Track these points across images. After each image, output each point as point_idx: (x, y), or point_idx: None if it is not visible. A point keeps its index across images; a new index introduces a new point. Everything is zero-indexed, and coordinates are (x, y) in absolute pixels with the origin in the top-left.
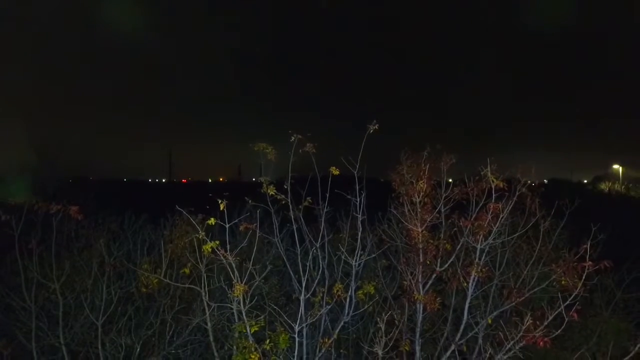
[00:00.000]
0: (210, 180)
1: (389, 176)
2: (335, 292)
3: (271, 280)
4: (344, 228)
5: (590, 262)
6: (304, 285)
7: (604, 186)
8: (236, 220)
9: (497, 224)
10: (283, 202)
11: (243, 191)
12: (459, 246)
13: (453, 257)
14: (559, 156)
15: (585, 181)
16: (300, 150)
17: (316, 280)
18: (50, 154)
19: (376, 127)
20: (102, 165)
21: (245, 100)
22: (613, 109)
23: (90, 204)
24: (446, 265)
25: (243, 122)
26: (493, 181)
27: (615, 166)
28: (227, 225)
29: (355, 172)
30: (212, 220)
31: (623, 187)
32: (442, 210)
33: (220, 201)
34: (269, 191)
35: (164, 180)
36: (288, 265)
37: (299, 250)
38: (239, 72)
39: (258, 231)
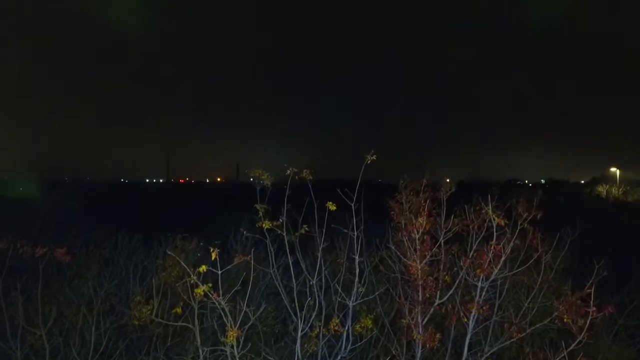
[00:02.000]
0: (207, 180)
1: (390, 177)
2: (332, 327)
3: (267, 308)
4: (341, 253)
5: (594, 308)
6: (300, 325)
7: (602, 189)
8: (228, 267)
9: (499, 265)
10: (279, 232)
11: (240, 192)
12: (458, 278)
13: (453, 289)
14: (557, 155)
15: (583, 182)
16: (297, 177)
17: (313, 315)
18: (45, 156)
19: (374, 157)
20: (100, 165)
21: (244, 100)
22: (611, 109)
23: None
24: (445, 298)
25: (241, 122)
26: (494, 219)
27: (613, 169)
28: (220, 272)
29: (353, 205)
30: (203, 268)
31: (620, 190)
32: (442, 245)
33: (212, 250)
34: (264, 225)
35: (161, 181)
36: (284, 297)
37: (294, 285)
38: (237, 72)
39: (253, 263)
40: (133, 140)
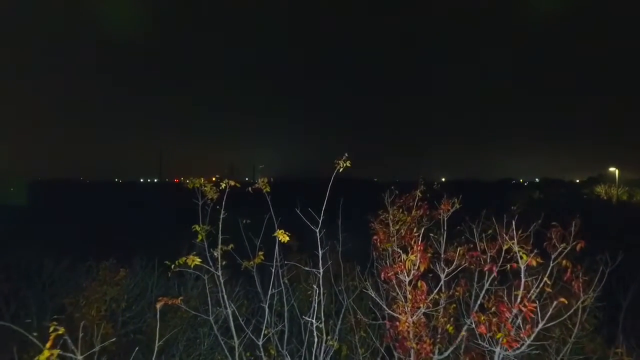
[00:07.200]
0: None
1: (387, 176)
2: None
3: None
4: (313, 278)
5: None
6: None
7: (600, 189)
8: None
9: (532, 336)
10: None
11: (230, 194)
12: (464, 328)
13: (456, 343)
14: (552, 154)
15: (578, 180)
16: (250, 189)
17: None
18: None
19: (347, 163)
20: (97, 165)
21: (241, 100)
22: (609, 109)
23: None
24: (446, 354)
25: (239, 121)
26: (522, 257)
27: (612, 169)
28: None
29: (317, 231)
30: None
31: (620, 190)
32: (443, 282)
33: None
34: (189, 262)
35: (155, 180)
36: (236, 346)
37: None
38: (235, 73)
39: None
40: (129, 140)
